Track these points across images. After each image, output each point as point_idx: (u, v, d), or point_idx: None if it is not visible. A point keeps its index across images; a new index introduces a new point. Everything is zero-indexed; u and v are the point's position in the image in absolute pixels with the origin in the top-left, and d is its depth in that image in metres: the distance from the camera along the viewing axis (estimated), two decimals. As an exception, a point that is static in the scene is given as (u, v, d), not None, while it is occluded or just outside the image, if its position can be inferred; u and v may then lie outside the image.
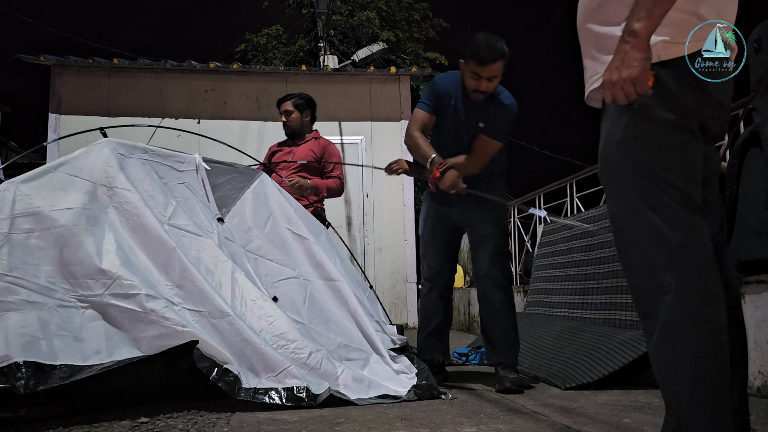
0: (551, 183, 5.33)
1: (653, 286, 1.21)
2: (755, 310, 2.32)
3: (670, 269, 1.19)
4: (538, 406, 2.14)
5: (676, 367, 1.17)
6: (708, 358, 1.15)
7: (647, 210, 1.21)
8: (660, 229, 1.20)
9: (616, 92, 1.17)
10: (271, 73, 7.43)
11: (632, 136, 1.24)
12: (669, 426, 1.19)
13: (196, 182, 2.67)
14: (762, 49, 2.45)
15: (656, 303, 1.21)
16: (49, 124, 6.78)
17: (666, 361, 1.19)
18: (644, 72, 1.13)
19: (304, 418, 1.95)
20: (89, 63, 6.85)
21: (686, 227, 1.20)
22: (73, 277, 2.12)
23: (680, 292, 1.17)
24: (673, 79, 1.21)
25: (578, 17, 1.39)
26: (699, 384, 1.15)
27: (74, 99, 6.84)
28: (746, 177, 2.45)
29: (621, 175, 1.26)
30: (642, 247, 1.23)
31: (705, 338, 1.16)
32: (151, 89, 7.01)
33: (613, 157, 1.27)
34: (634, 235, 1.24)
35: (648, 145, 1.22)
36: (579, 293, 3.62)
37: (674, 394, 1.18)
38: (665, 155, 1.22)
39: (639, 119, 1.23)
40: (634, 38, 1.12)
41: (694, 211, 1.22)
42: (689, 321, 1.16)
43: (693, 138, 1.24)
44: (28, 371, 1.79)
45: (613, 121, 1.27)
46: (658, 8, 1.11)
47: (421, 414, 2.01)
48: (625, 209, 1.26)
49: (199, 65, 7.06)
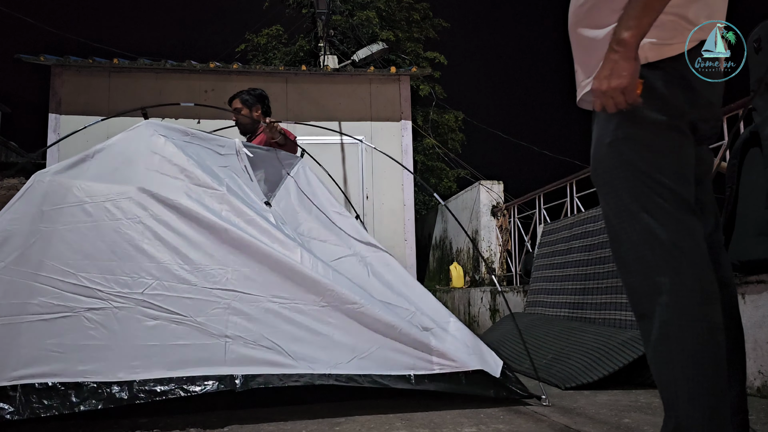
0: (551, 183, 5.33)
1: (649, 287, 1.22)
2: (755, 310, 2.32)
3: (665, 270, 1.19)
4: (538, 406, 2.14)
5: (674, 367, 1.18)
6: (705, 358, 1.16)
7: (640, 211, 1.22)
8: (654, 230, 1.20)
9: (606, 101, 1.18)
10: (271, 73, 7.43)
11: (623, 138, 1.24)
12: (668, 426, 1.19)
13: (238, 166, 2.59)
14: (762, 49, 2.45)
15: (652, 304, 1.21)
16: (49, 124, 6.79)
17: (663, 361, 1.20)
18: (633, 81, 1.14)
19: (304, 418, 1.95)
20: (89, 63, 6.85)
21: (680, 228, 1.20)
22: (111, 273, 1.99)
23: (676, 293, 1.18)
24: (662, 81, 1.22)
25: (569, 20, 1.39)
26: (697, 384, 1.15)
27: (74, 99, 6.84)
28: (746, 177, 2.45)
29: (613, 176, 1.26)
30: (636, 248, 1.23)
31: (702, 338, 1.16)
32: (151, 89, 7.02)
33: (604, 159, 1.28)
34: (629, 237, 1.25)
35: (639, 147, 1.23)
36: (579, 293, 3.62)
37: (673, 395, 1.18)
38: (656, 156, 1.22)
39: (629, 121, 1.23)
40: (623, 48, 1.13)
41: (688, 211, 1.22)
42: (686, 321, 1.17)
43: (684, 138, 1.24)
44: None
45: (603, 124, 1.28)
46: (647, 17, 1.12)
47: (421, 414, 2.01)
48: (618, 211, 1.26)
49: (199, 65, 7.06)
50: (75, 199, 2.10)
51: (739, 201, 2.47)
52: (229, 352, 1.93)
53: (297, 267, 2.13)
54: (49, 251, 1.98)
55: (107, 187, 2.16)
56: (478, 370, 2.13)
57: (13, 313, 1.85)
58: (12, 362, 1.78)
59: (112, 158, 2.29)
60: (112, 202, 2.12)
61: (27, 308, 1.87)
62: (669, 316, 1.18)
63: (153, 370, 1.84)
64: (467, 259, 7.62)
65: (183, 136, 2.51)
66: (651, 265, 1.21)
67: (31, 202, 2.08)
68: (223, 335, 1.95)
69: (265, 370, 1.93)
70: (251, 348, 1.95)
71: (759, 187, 2.34)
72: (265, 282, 2.09)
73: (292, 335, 2.01)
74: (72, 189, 2.12)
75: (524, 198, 6.02)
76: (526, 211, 6.30)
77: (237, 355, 1.93)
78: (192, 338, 1.93)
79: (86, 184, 2.15)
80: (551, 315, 3.88)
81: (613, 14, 1.19)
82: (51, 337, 1.83)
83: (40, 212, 2.05)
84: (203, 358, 1.91)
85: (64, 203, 2.08)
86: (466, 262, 7.66)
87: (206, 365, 1.90)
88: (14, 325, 1.84)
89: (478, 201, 7.01)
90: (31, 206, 2.07)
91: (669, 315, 1.18)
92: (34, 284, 1.91)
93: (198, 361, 1.90)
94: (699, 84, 1.23)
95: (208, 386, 1.86)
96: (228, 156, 2.62)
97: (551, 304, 3.98)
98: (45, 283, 1.91)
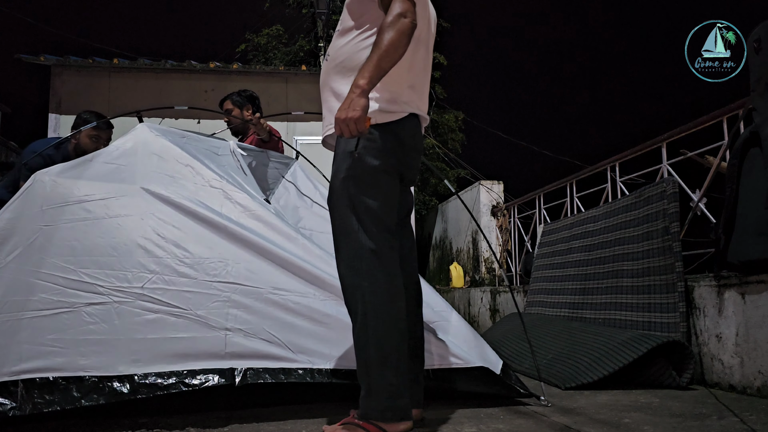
0: (551, 183, 5.33)
1: (355, 289, 1.63)
2: (755, 310, 2.32)
3: (366, 275, 1.61)
4: (538, 406, 2.14)
5: (369, 349, 1.59)
6: (390, 342, 1.59)
7: (357, 231, 1.64)
8: (363, 246, 1.63)
9: (343, 128, 1.54)
10: (271, 73, 7.43)
11: (351, 175, 1.67)
12: (362, 393, 1.61)
13: (235, 166, 2.62)
14: (762, 49, 2.45)
15: (356, 301, 1.62)
16: (49, 124, 6.79)
17: (361, 345, 1.61)
18: (363, 115, 1.52)
19: (305, 418, 1.95)
20: (89, 63, 6.85)
21: (381, 244, 1.64)
22: (111, 268, 1.99)
23: (371, 293, 1.60)
24: (381, 137, 1.68)
25: (321, 79, 1.84)
26: (382, 361, 1.58)
27: (74, 99, 6.84)
28: (746, 177, 2.45)
29: (341, 203, 1.67)
30: (351, 258, 1.64)
31: (388, 326, 1.59)
32: (151, 89, 7.02)
33: (337, 189, 1.69)
34: (347, 250, 1.65)
35: (361, 183, 1.66)
36: (579, 293, 3.62)
37: (365, 369, 1.60)
38: (371, 190, 1.66)
39: (357, 163, 1.66)
40: (359, 90, 1.53)
41: (389, 232, 1.68)
42: (377, 314, 1.59)
43: (392, 180, 1.72)
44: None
45: (339, 163, 1.71)
46: (377, 73, 1.55)
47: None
48: (341, 229, 1.67)
49: (199, 65, 7.06)
50: (75, 198, 2.12)
51: (739, 201, 2.46)
52: (229, 345, 1.93)
53: (297, 261, 2.14)
54: (49, 249, 1.98)
55: (107, 186, 2.18)
56: (478, 366, 2.13)
57: (13, 310, 1.86)
58: (13, 358, 1.78)
59: (112, 159, 2.32)
60: (113, 199, 2.14)
61: (28, 305, 1.87)
62: (365, 310, 1.60)
63: (153, 364, 1.85)
64: (467, 259, 7.62)
65: (180, 138, 2.54)
66: (359, 271, 1.62)
67: (32, 201, 2.09)
68: (223, 328, 1.95)
69: (265, 363, 1.93)
70: (251, 340, 1.96)
71: (759, 187, 2.34)
72: (265, 274, 2.10)
73: (292, 328, 2.02)
74: (72, 188, 2.14)
75: (524, 198, 6.02)
76: (526, 211, 6.30)
77: (237, 348, 1.93)
78: (192, 331, 1.93)
79: (86, 183, 2.17)
80: (551, 315, 3.88)
81: (353, 76, 1.62)
82: (51, 332, 1.84)
83: (41, 211, 2.06)
84: (203, 351, 1.91)
85: (64, 202, 2.10)
86: (466, 262, 7.65)
87: (206, 358, 1.90)
88: (15, 322, 1.84)
89: (478, 201, 7.01)
90: (32, 205, 2.08)
91: (365, 309, 1.60)
92: (35, 281, 1.91)
93: (198, 354, 1.90)
94: (408, 140, 1.74)
95: (208, 380, 1.86)
96: (224, 156, 2.66)
97: (551, 304, 3.98)
98: (45, 280, 1.92)
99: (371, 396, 1.59)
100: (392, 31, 1.55)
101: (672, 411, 2.02)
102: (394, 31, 1.55)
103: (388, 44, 1.55)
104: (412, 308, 1.81)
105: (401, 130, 1.72)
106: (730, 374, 2.44)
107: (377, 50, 1.56)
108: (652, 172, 3.85)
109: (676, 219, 2.85)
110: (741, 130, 2.69)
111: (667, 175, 3.53)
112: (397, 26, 1.56)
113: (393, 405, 1.58)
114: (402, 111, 1.72)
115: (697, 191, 3.37)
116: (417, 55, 1.77)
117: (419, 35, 1.75)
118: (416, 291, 1.88)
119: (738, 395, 2.33)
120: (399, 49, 1.56)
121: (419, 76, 1.80)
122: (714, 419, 1.87)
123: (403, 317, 1.64)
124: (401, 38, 1.56)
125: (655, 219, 2.98)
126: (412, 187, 1.96)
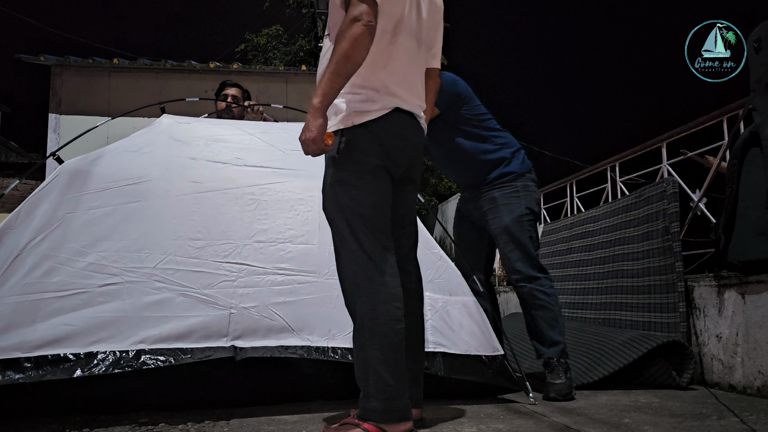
0: (551, 183, 5.33)
1: (354, 292, 1.64)
2: (755, 310, 2.32)
3: (363, 278, 1.61)
4: (538, 406, 2.14)
5: (366, 350, 1.58)
6: (388, 343, 1.58)
7: (350, 236, 1.64)
8: (358, 249, 1.62)
9: (305, 148, 1.59)
10: (271, 73, 7.44)
11: (336, 181, 1.66)
12: (362, 394, 1.60)
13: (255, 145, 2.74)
14: (762, 49, 2.45)
15: (355, 303, 1.63)
16: (49, 124, 6.79)
17: (359, 345, 1.61)
18: (320, 135, 1.55)
19: (305, 417, 1.95)
20: (89, 63, 6.85)
21: (375, 246, 1.63)
22: (126, 250, 2.09)
23: (369, 295, 1.60)
24: (360, 138, 1.64)
25: (317, 80, 1.74)
26: (381, 362, 1.56)
27: (74, 99, 6.85)
28: (746, 177, 2.45)
29: (333, 209, 1.68)
30: (349, 263, 1.66)
31: (386, 328, 1.58)
32: (151, 89, 7.02)
33: (327, 195, 1.70)
34: (344, 255, 1.67)
35: (345, 187, 1.65)
36: (579, 293, 3.62)
37: (364, 370, 1.59)
38: (357, 192, 1.65)
39: (338, 168, 1.66)
40: (313, 110, 1.55)
41: (382, 233, 1.66)
42: (375, 315, 1.59)
43: (377, 180, 1.67)
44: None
45: (326, 170, 1.72)
46: (331, 90, 1.55)
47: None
48: (337, 234, 1.69)
49: (199, 65, 7.06)
50: (95, 185, 2.21)
51: (739, 201, 2.47)
52: (233, 323, 2.01)
53: (302, 239, 2.23)
54: (68, 234, 2.07)
55: (127, 173, 2.28)
56: (476, 355, 2.18)
57: (33, 291, 1.94)
58: (29, 336, 1.85)
59: (136, 148, 2.44)
60: (133, 186, 2.24)
61: (45, 287, 1.95)
62: (364, 311, 1.60)
63: (161, 342, 1.92)
64: (467, 259, 7.60)
65: (205, 124, 2.73)
66: (357, 275, 1.63)
67: (56, 190, 2.18)
68: (228, 306, 2.03)
69: (267, 342, 2.01)
70: (255, 318, 2.03)
71: (759, 187, 2.34)
72: (271, 254, 2.18)
73: (294, 306, 2.09)
74: (93, 176, 2.24)
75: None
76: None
77: (241, 327, 2.01)
78: (198, 310, 2.00)
79: (107, 171, 2.27)
80: (551, 315, 3.88)
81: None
82: (65, 312, 1.91)
83: (64, 199, 2.16)
84: (208, 329, 1.98)
85: (84, 190, 2.19)
86: (466, 262, 7.64)
87: (212, 337, 1.98)
88: (33, 302, 1.92)
89: (478, 201, 6.99)
90: (55, 194, 2.17)
91: (364, 311, 1.60)
92: (55, 265, 2.00)
93: (204, 333, 1.97)
94: (390, 138, 1.67)
95: (212, 354, 1.94)
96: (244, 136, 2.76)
97: (551, 304, 3.97)
98: (63, 264, 2.01)
99: (370, 396, 1.58)
100: (343, 41, 1.52)
101: (672, 411, 2.02)
102: (345, 39, 1.52)
103: (340, 56, 1.52)
104: (412, 308, 1.79)
105: (381, 128, 1.66)
106: (730, 374, 2.44)
107: (331, 63, 1.54)
108: (652, 172, 3.85)
109: (676, 219, 2.85)
110: (741, 130, 2.69)
111: (667, 175, 3.53)
112: (348, 33, 1.52)
113: (392, 405, 1.57)
114: (382, 108, 1.66)
115: (697, 191, 3.37)
116: (396, 48, 1.70)
117: (398, 26, 1.69)
118: (417, 290, 1.86)
119: (738, 395, 2.33)
120: (353, 57, 1.53)
121: (405, 68, 1.73)
122: (714, 419, 1.87)
123: (401, 317, 1.63)
124: (353, 46, 1.52)
125: (655, 219, 2.98)
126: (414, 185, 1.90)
